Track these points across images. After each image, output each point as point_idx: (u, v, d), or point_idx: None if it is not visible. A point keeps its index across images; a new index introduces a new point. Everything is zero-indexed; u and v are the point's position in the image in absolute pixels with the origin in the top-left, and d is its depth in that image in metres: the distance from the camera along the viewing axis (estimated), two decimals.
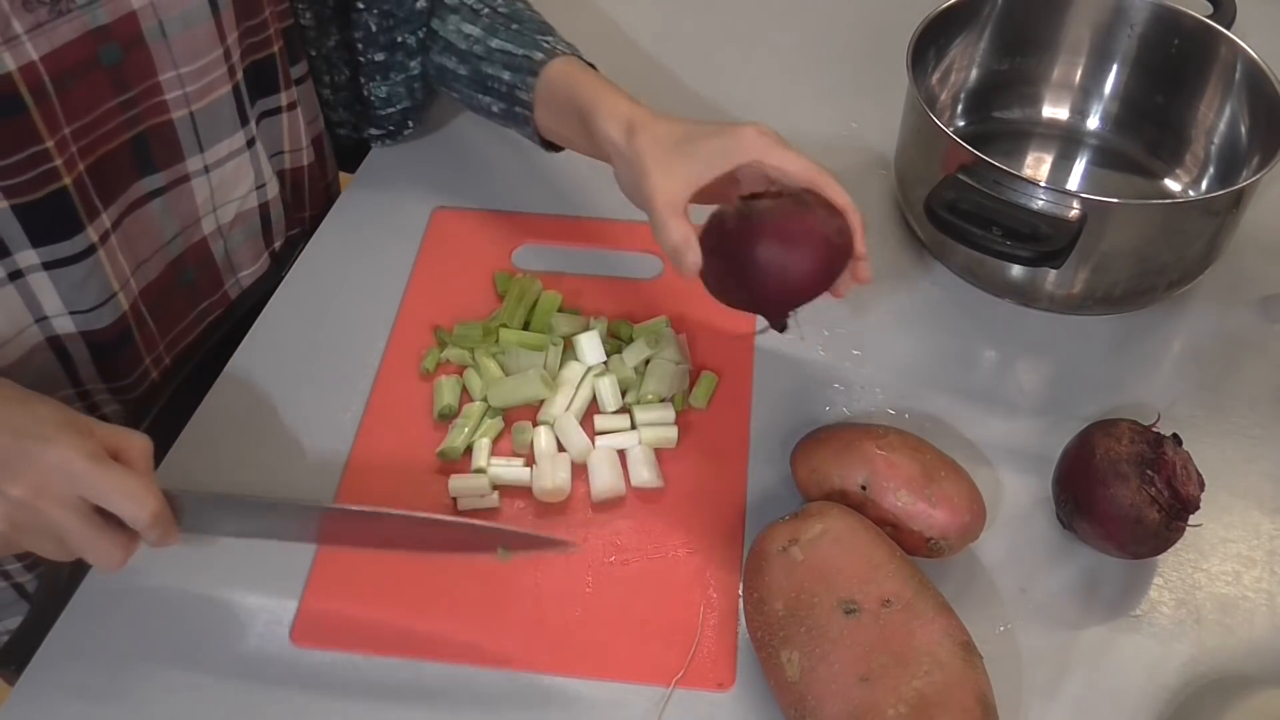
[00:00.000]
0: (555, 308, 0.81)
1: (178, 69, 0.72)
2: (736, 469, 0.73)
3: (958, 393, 0.78)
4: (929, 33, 0.87)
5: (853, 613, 0.58)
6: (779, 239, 0.64)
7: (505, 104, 0.83)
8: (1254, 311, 0.85)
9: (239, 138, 0.79)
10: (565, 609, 0.66)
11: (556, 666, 0.64)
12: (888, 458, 0.66)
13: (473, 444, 0.73)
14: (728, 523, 0.70)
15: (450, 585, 0.67)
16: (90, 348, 0.75)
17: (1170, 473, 0.65)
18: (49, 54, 0.64)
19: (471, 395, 0.76)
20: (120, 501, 0.57)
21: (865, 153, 0.97)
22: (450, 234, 0.89)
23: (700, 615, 0.66)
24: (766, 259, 0.64)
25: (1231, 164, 0.87)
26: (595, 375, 0.76)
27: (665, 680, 0.63)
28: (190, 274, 0.82)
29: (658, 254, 0.86)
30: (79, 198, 0.69)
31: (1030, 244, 0.74)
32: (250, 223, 0.85)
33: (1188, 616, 0.67)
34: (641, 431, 0.74)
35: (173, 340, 0.83)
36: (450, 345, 0.79)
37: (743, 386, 0.78)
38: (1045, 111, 0.97)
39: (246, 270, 0.88)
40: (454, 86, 0.87)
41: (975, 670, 0.57)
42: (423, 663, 0.64)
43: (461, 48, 0.84)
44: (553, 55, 0.80)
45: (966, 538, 0.66)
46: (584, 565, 0.68)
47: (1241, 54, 0.85)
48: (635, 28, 0.87)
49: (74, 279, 0.71)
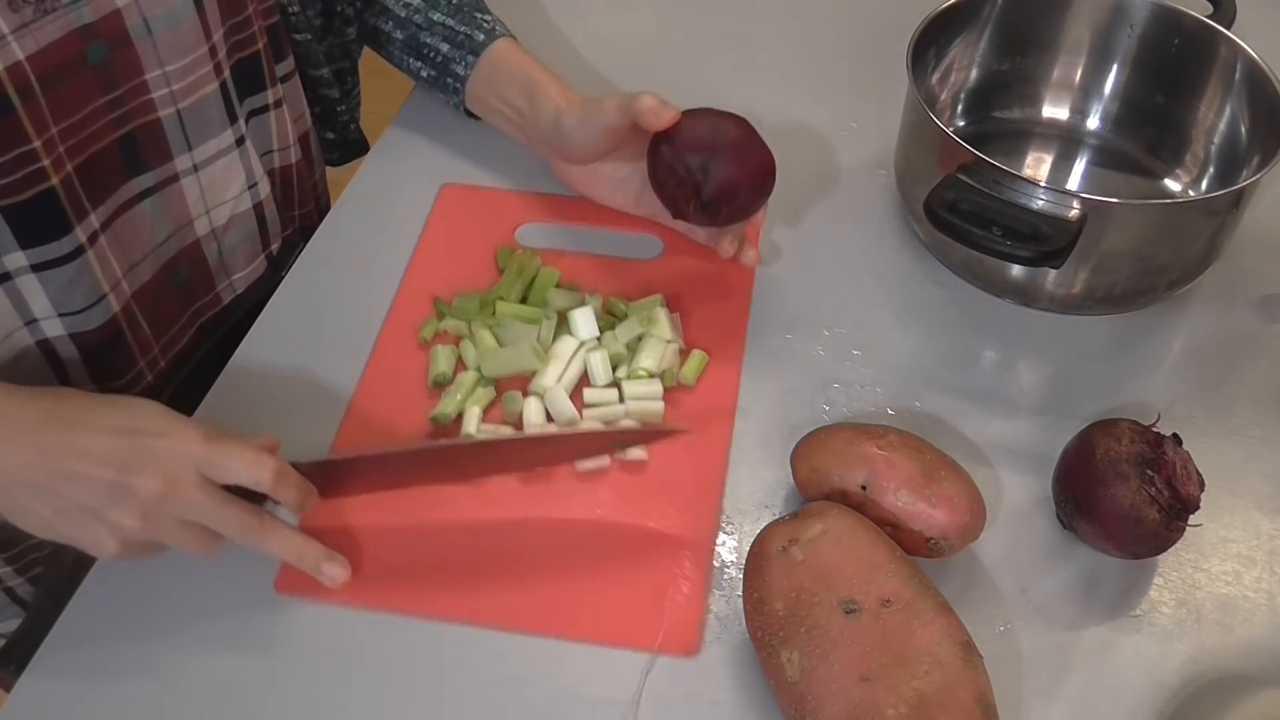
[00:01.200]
0: (553, 283, 0.83)
1: (164, 67, 0.72)
2: (718, 446, 0.75)
3: (958, 393, 0.78)
4: (929, 32, 0.87)
5: (853, 613, 0.58)
6: (701, 142, 0.76)
7: (437, 73, 0.92)
8: (1254, 311, 0.85)
9: (227, 136, 0.79)
10: (543, 571, 0.68)
11: (532, 625, 0.66)
12: (888, 458, 0.66)
13: (464, 410, 0.75)
14: (706, 498, 0.72)
15: (433, 543, 0.69)
16: (80, 350, 0.74)
17: (1170, 473, 0.65)
18: (35, 53, 0.64)
19: (466, 365, 0.78)
20: (241, 469, 0.60)
21: (865, 153, 0.97)
22: (457, 210, 0.91)
23: (672, 585, 0.67)
24: (697, 161, 0.76)
25: (1231, 164, 0.87)
26: (588, 350, 0.78)
27: (634, 643, 0.65)
28: (183, 275, 0.82)
29: (657, 235, 0.88)
30: (67, 198, 0.68)
31: (1030, 244, 0.74)
32: (246, 225, 0.85)
33: (1188, 616, 0.67)
34: (629, 405, 0.76)
35: (167, 343, 0.83)
36: (448, 316, 0.81)
37: (732, 367, 0.79)
38: (1045, 111, 0.97)
39: (240, 272, 0.88)
40: (385, 49, 0.95)
41: (975, 670, 0.57)
42: (401, 616, 0.66)
43: (400, 15, 0.92)
44: (493, 36, 0.89)
45: (966, 538, 0.66)
46: (565, 531, 0.70)
47: (1242, 54, 0.85)
48: (635, 27, 0.87)
49: (62, 280, 0.70)
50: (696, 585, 0.67)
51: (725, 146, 0.76)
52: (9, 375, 0.71)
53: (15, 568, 0.81)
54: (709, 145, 0.76)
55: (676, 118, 0.77)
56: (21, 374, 0.72)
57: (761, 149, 0.78)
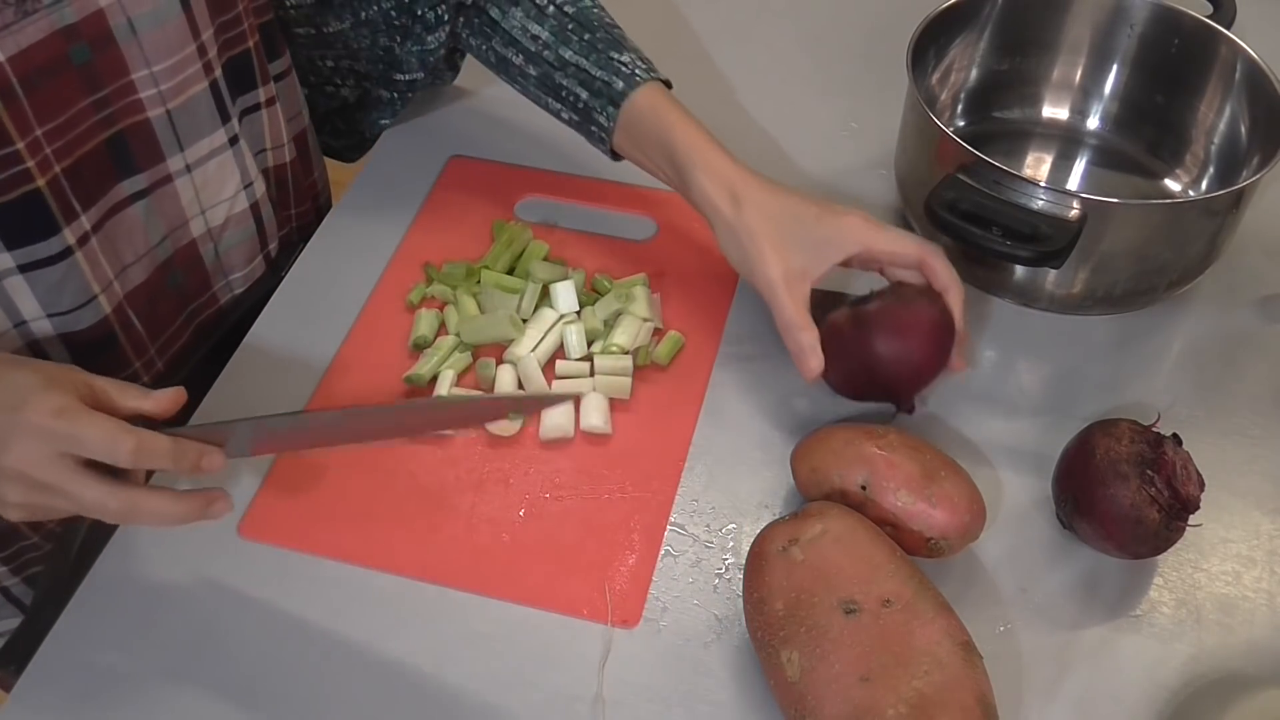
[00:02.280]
0: (540, 256, 0.85)
1: (150, 67, 0.71)
2: (684, 425, 0.76)
3: (958, 393, 0.78)
4: (929, 32, 0.87)
5: (853, 613, 0.58)
6: (895, 334, 0.71)
7: (580, 119, 0.83)
8: (1254, 311, 0.85)
9: (220, 135, 0.79)
10: (495, 534, 0.70)
11: (479, 586, 0.67)
12: (888, 458, 0.66)
13: (439, 373, 0.76)
14: (665, 474, 0.73)
15: (393, 501, 0.72)
16: (71, 351, 0.74)
17: (1170, 473, 0.65)
18: (16, 55, 0.63)
19: (449, 330, 0.80)
20: (94, 445, 0.57)
21: (865, 153, 0.97)
22: (461, 182, 0.93)
23: (620, 555, 0.69)
24: (888, 354, 0.71)
25: (1232, 164, 0.87)
26: (566, 322, 0.79)
27: (576, 611, 0.66)
28: (178, 277, 0.82)
29: (653, 218, 0.89)
30: (55, 200, 0.68)
31: (1030, 244, 0.74)
32: (244, 226, 0.85)
33: (1188, 616, 0.67)
34: (598, 379, 0.77)
35: (164, 344, 0.83)
36: (436, 281, 0.83)
37: (708, 351, 0.80)
38: (1045, 111, 0.97)
39: (238, 273, 0.88)
40: (520, 83, 0.86)
41: (975, 670, 0.57)
42: (356, 567, 0.68)
43: (529, 49, 0.83)
44: (633, 84, 0.79)
45: (966, 538, 0.66)
46: (520, 496, 0.72)
47: (1242, 54, 0.85)
48: (635, 27, 0.86)
49: (50, 281, 0.70)
50: (645, 559, 0.69)
51: (911, 335, 0.71)
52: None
53: (10, 568, 0.81)
54: (896, 337, 0.71)
55: (818, 372, 0.72)
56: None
57: (939, 333, 0.72)
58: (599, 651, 0.65)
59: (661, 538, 0.70)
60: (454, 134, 0.97)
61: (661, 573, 0.68)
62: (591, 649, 0.65)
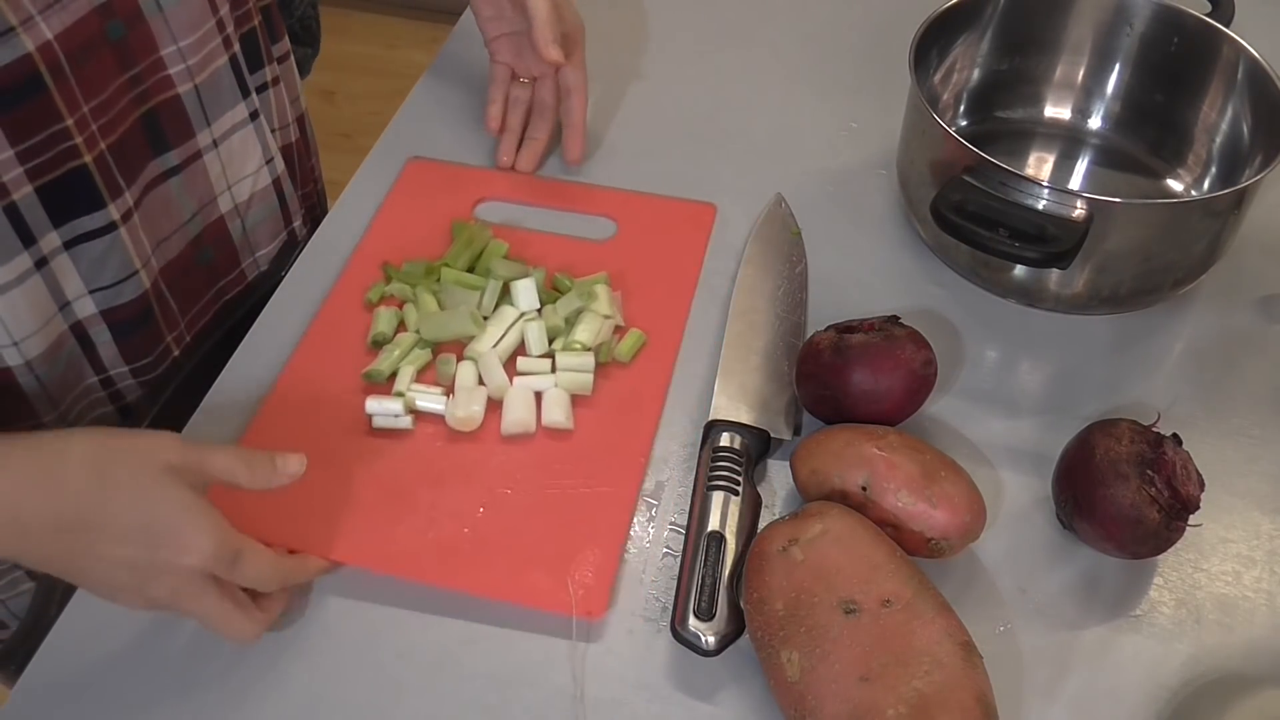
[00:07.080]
0: (500, 254, 0.85)
1: (177, 42, 0.73)
2: (647, 422, 0.76)
3: (958, 393, 0.78)
4: (931, 32, 0.87)
5: (853, 613, 0.58)
6: (872, 372, 0.71)
7: None
8: (1255, 311, 0.85)
9: (241, 110, 0.81)
10: (455, 527, 0.70)
11: (440, 578, 0.68)
12: (888, 458, 0.66)
13: (398, 370, 0.77)
14: (628, 469, 0.73)
15: (354, 494, 0.71)
16: (111, 328, 0.76)
17: (1170, 473, 0.65)
18: (62, 32, 0.65)
19: (408, 328, 0.80)
20: (255, 579, 0.61)
21: (866, 153, 0.97)
22: (419, 183, 0.93)
23: (582, 549, 0.69)
24: (860, 389, 0.71)
25: (1234, 163, 0.87)
26: (527, 320, 0.79)
27: (539, 603, 0.66)
28: (209, 252, 0.84)
29: (612, 218, 0.89)
30: (100, 175, 0.70)
31: (1037, 245, 0.74)
32: (268, 201, 0.87)
33: (1188, 616, 0.67)
34: (559, 375, 0.77)
35: (192, 318, 0.85)
36: (395, 280, 0.83)
37: (669, 348, 0.81)
38: (1047, 111, 0.97)
39: (264, 250, 0.90)
40: None
41: (975, 670, 0.57)
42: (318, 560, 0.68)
43: None
44: None
45: (967, 538, 0.66)
46: (481, 490, 0.72)
47: (1243, 53, 0.85)
48: (635, 26, 0.87)
49: (93, 255, 0.72)
50: (609, 553, 0.68)
51: (886, 377, 0.71)
52: (48, 364, 0.72)
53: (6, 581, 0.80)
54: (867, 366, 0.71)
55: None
56: (58, 363, 0.74)
57: (907, 360, 0.72)
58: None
59: (625, 531, 0.70)
60: (412, 135, 0.96)
61: (631, 567, 0.68)
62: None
